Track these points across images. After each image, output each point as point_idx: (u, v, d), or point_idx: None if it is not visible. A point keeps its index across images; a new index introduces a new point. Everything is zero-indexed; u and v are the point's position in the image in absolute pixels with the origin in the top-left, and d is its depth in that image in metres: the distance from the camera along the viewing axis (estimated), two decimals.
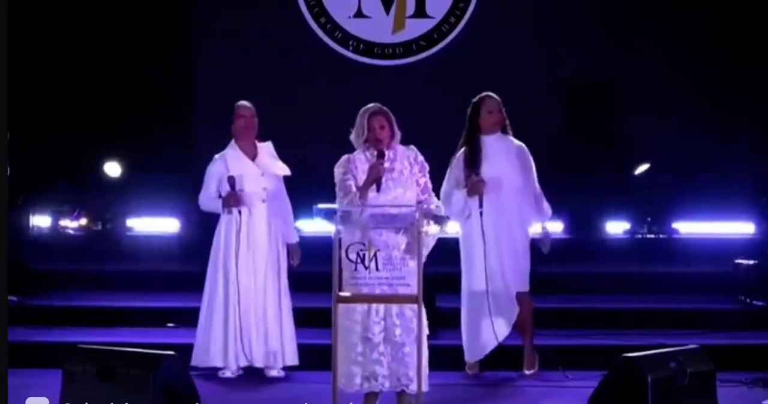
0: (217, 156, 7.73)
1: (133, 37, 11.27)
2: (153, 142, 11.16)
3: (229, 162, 7.63)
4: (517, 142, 7.61)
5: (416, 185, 6.53)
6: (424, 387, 6.34)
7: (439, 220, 6.41)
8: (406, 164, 6.53)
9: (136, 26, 11.29)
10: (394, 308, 6.33)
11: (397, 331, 6.34)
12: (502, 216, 7.44)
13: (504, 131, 7.61)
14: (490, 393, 7.27)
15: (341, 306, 6.40)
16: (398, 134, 6.57)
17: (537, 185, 7.59)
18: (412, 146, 6.62)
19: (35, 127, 10.83)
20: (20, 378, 6.99)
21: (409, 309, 6.24)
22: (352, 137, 6.59)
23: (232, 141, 7.72)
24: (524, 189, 7.53)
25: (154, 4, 11.38)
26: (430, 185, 6.61)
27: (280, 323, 7.57)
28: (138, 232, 11.42)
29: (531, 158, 7.59)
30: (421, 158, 6.60)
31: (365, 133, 6.51)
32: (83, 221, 11.29)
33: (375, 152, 6.48)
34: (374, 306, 6.36)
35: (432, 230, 6.37)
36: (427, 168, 6.61)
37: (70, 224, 11.29)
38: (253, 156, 7.66)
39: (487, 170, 7.43)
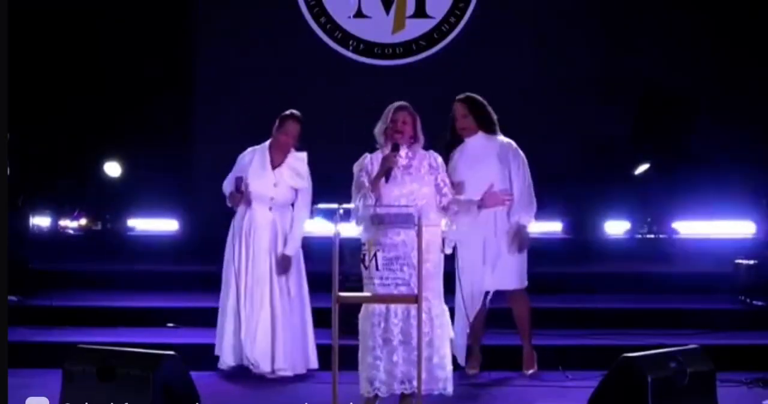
0: (250, 149, 7.78)
1: (133, 37, 11.26)
2: (153, 142, 11.16)
3: (253, 162, 7.68)
4: (500, 140, 7.57)
5: (436, 187, 6.55)
6: (450, 390, 6.38)
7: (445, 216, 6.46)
8: (425, 165, 6.56)
9: (136, 26, 11.29)
10: (413, 310, 6.32)
11: (414, 333, 6.34)
12: (476, 216, 7.43)
13: (490, 131, 7.59)
14: (489, 393, 7.27)
15: (360, 312, 6.45)
16: (421, 138, 6.63)
17: (522, 181, 7.51)
18: (432, 151, 6.65)
19: (35, 127, 10.82)
20: (20, 378, 7.00)
21: (425, 313, 6.22)
22: (376, 129, 6.63)
23: (270, 140, 7.73)
24: (505, 187, 7.51)
25: (154, 4, 11.37)
26: (450, 191, 6.66)
27: (288, 328, 7.57)
28: (138, 232, 11.42)
29: (515, 155, 7.51)
30: (440, 160, 6.67)
31: (386, 123, 6.55)
32: (83, 221, 11.28)
33: (391, 145, 6.52)
34: (392, 307, 6.36)
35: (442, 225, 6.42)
36: (445, 169, 6.70)
37: (70, 224, 11.28)
38: (277, 164, 7.68)
39: (463, 171, 7.42)
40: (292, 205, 7.72)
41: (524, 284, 7.60)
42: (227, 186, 7.73)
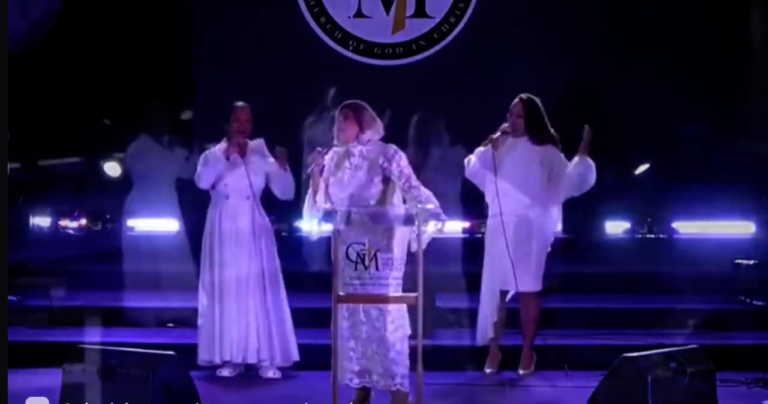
0: (210, 150, 7.83)
1: (133, 38, 11.26)
2: (153, 142, 11.13)
3: (221, 158, 7.72)
4: (541, 147, 7.62)
5: (402, 183, 6.43)
6: (407, 386, 6.34)
7: (435, 217, 6.37)
8: (377, 165, 6.41)
9: (136, 26, 11.29)
10: (361, 306, 6.30)
11: (364, 329, 6.30)
12: (512, 217, 7.46)
13: (534, 136, 7.66)
14: (489, 393, 7.26)
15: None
16: (370, 128, 6.47)
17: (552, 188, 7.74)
18: (392, 145, 6.52)
19: (36, 127, 10.82)
20: (20, 378, 6.99)
21: (375, 309, 6.22)
22: (333, 130, 6.61)
23: (225, 138, 7.78)
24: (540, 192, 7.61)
25: (154, 4, 11.37)
26: (414, 182, 6.43)
27: (267, 320, 7.57)
28: (138, 232, 11.41)
29: (560, 161, 7.76)
30: (399, 156, 6.43)
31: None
32: (83, 221, 11.28)
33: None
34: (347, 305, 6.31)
35: (429, 228, 6.31)
36: (404, 164, 6.42)
37: (70, 224, 11.28)
38: (243, 153, 7.73)
39: (506, 173, 7.46)
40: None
41: (539, 287, 7.60)
42: (206, 175, 7.71)
